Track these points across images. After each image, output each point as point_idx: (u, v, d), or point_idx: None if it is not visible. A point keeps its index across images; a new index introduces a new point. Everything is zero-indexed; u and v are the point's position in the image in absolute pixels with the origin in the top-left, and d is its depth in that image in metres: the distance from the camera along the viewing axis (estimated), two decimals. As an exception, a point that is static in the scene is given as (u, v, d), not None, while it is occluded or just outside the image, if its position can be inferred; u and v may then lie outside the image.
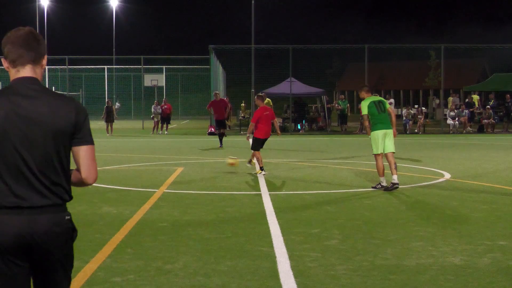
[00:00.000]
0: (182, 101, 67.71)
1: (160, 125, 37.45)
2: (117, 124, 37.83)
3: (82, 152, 3.58)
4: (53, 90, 26.15)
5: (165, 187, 13.50)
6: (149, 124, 40.93)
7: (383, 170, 13.17)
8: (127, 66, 62.81)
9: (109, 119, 35.77)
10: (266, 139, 16.42)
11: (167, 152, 23.36)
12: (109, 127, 35.79)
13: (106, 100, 42.04)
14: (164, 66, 57.61)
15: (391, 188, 12.98)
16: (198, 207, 11.08)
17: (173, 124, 45.53)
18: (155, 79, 47.53)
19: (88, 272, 6.77)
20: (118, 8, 73.37)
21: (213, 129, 34.20)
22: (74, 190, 3.75)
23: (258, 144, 16.19)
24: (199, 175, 15.77)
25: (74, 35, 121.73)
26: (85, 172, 3.59)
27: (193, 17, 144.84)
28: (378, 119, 13.28)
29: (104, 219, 9.90)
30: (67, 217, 3.58)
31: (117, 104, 61.41)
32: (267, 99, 35.75)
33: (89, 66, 62.91)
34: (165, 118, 37.31)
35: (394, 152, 13.33)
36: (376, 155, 13.27)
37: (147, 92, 50.21)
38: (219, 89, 42.36)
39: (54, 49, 61.14)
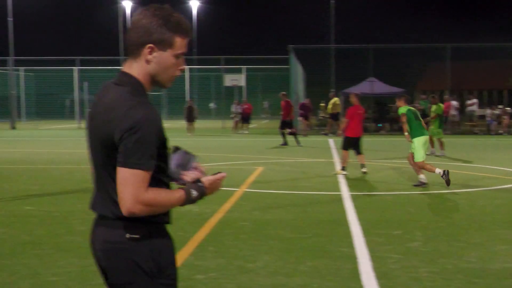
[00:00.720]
0: (261, 101, 68.04)
1: (240, 124, 37.74)
2: (197, 123, 38.24)
3: (116, 173, 2.88)
4: None
5: (246, 187, 13.58)
6: (229, 123, 41.27)
7: (433, 167, 13.60)
8: (207, 66, 63.47)
9: (190, 118, 36.27)
10: (358, 138, 16.17)
11: (247, 151, 23.49)
12: (190, 126, 36.26)
13: (187, 99, 42.51)
14: (244, 66, 57.92)
15: (419, 184, 13.64)
16: (278, 206, 11.11)
17: (253, 124, 45.76)
18: (235, 79, 47.82)
19: (171, 269, 6.87)
20: (198, 9, 74.18)
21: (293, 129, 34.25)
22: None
23: (348, 143, 16.08)
24: (279, 175, 15.80)
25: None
26: (119, 199, 2.89)
27: (273, 17, 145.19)
28: (417, 126, 14.01)
29: (186, 217, 10.03)
30: (128, 235, 2.96)
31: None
32: (335, 98, 35.55)
33: (171, 67, 63.68)
34: (245, 118, 37.55)
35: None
36: (419, 163, 13.71)
37: (227, 92, 50.62)
38: (299, 89, 42.31)
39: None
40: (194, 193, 3.03)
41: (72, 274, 6.76)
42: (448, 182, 13.13)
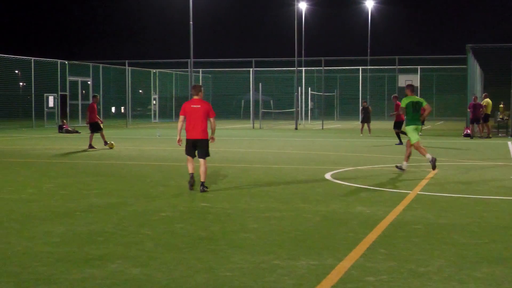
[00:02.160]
0: (436, 102, 66.47)
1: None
2: (371, 124, 37.96)
3: None
4: (309, 91, 27.20)
5: (419, 189, 13.32)
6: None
7: (425, 149, 16.52)
8: (381, 67, 62.89)
9: (365, 119, 36.08)
10: None
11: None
12: (365, 127, 36.07)
13: (362, 101, 42.35)
14: (418, 66, 56.89)
15: (399, 168, 16.51)
16: (453, 210, 10.80)
17: (427, 125, 44.79)
18: (410, 80, 47.09)
19: (341, 270, 6.87)
20: (373, 9, 73.66)
21: (469, 131, 33.15)
22: (328, 189, 3.74)
23: None
24: (455, 178, 15.35)
25: (330, 37, 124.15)
26: None
27: (449, 16, 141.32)
28: (412, 116, 16.40)
29: (357, 218, 9.99)
30: None
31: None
32: (487, 99, 33.80)
33: (344, 67, 63.87)
34: (419, 119, 36.77)
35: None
36: (415, 144, 16.23)
37: (401, 93, 49.86)
38: (476, 89, 40.98)
39: (311, 51, 62.83)
40: None
41: (245, 271, 6.92)
42: (433, 167, 16.09)
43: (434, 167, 16.18)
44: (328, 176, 15.53)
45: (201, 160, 13.11)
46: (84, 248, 7.97)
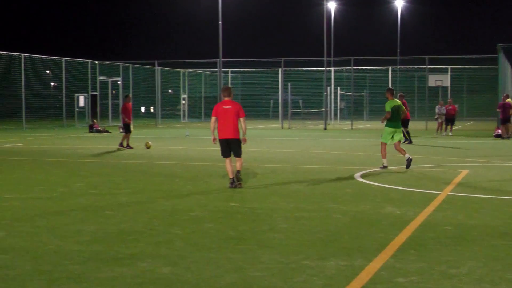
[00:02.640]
0: (467, 102, 65.92)
1: (444, 126, 36.76)
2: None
3: None
4: (338, 91, 27.43)
5: (450, 190, 13.21)
6: (433, 125, 40.38)
7: (385, 154, 17.23)
8: (411, 67, 62.46)
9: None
10: None
11: (451, 154, 22.83)
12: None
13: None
14: (449, 66, 56.41)
15: (408, 164, 16.70)
16: (484, 211, 10.69)
17: (458, 126, 44.44)
18: (440, 79, 46.70)
19: (371, 271, 6.84)
20: (403, 8, 73.18)
21: (499, 131, 32.82)
22: (358, 189, 3.70)
23: None
24: (485, 179, 15.20)
25: (359, 37, 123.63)
26: None
27: (480, 15, 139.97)
28: (392, 119, 17.41)
29: (387, 219, 9.94)
30: None
31: None
32: (508, 99, 33.23)
33: (373, 67, 63.59)
34: (450, 119, 36.52)
35: (400, 141, 17.53)
36: (383, 143, 17.37)
37: (431, 93, 49.55)
38: (507, 89, 40.52)
39: (340, 50, 62.62)
40: None
41: (274, 271, 6.92)
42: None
43: (384, 168, 17.08)
44: (357, 176, 15.47)
45: (237, 158, 13.78)
46: (114, 247, 8.02)
